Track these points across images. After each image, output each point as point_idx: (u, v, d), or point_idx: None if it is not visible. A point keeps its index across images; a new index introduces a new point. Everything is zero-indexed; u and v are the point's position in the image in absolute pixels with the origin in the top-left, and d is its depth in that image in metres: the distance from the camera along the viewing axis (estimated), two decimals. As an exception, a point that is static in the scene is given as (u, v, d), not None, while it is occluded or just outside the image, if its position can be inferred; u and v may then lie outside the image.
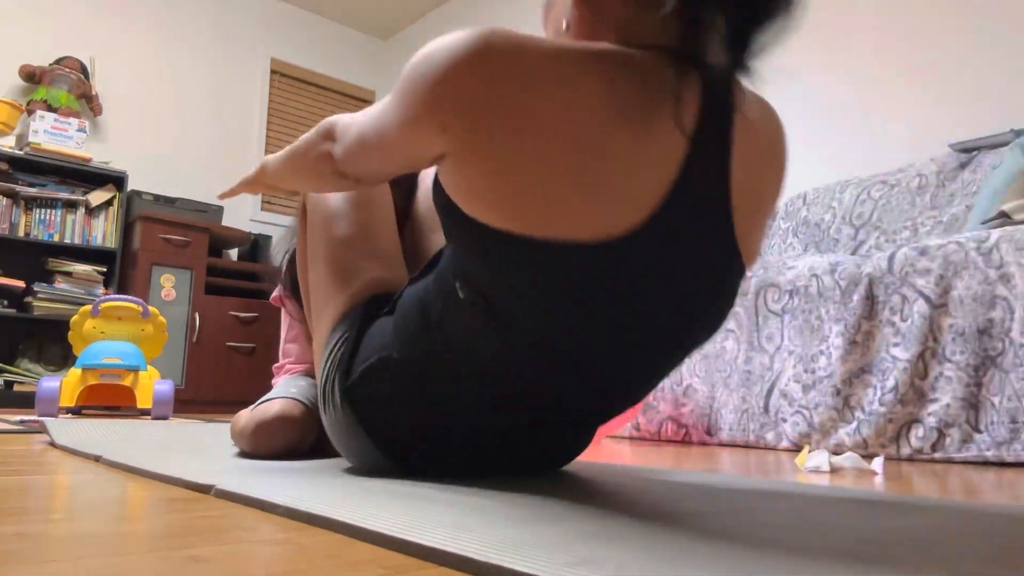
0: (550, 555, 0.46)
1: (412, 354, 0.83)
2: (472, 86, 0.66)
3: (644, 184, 0.69)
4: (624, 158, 0.68)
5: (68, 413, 2.54)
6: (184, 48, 4.21)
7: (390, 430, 0.88)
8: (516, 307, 0.73)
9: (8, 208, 3.36)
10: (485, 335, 0.76)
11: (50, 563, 0.45)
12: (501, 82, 0.66)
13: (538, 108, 0.66)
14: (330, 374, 0.92)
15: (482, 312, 0.75)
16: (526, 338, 0.75)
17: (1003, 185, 2.02)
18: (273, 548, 0.52)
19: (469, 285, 0.75)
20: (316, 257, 1.03)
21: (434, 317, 0.81)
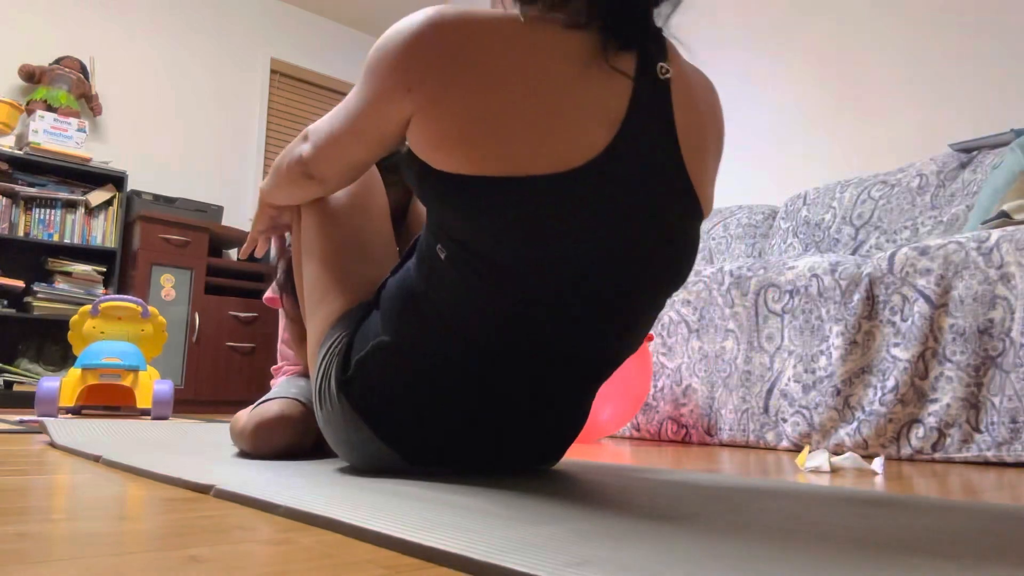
0: (550, 555, 0.46)
1: (403, 333, 0.86)
2: (432, 49, 0.76)
3: (595, 122, 0.77)
4: (573, 99, 0.76)
5: (68, 413, 2.54)
6: (184, 48, 4.21)
7: (389, 416, 0.88)
8: (493, 249, 0.78)
9: (8, 208, 3.36)
10: (470, 289, 0.80)
11: (50, 563, 0.45)
12: (456, 43, 0.76)
13: (490, 60, 0.75)
14: (326, 370, 0.93)
15: (464, 263, 0.79)
16: (508, 283, 0.79)
17: (1003, 185, 2.02)
18: (273, 548, 0.52)
19: (449, 239, 0.80)
20: (312, 259, 1.03)
21: (419, 289, 0.85)
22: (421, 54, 0.77)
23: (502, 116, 0.75)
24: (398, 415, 0.88)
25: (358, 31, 4.95)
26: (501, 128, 0.75)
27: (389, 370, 0.87)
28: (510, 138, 0.75)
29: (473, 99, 0.75)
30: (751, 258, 2.90)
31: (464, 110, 0.75)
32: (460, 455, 0.91)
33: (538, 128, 0.75)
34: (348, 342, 0.92)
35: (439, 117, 0.76)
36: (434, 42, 0.76)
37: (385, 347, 0.87)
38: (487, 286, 0.80)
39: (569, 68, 0.77)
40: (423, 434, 0.89)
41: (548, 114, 0.75)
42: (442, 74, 0.76)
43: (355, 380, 0.89)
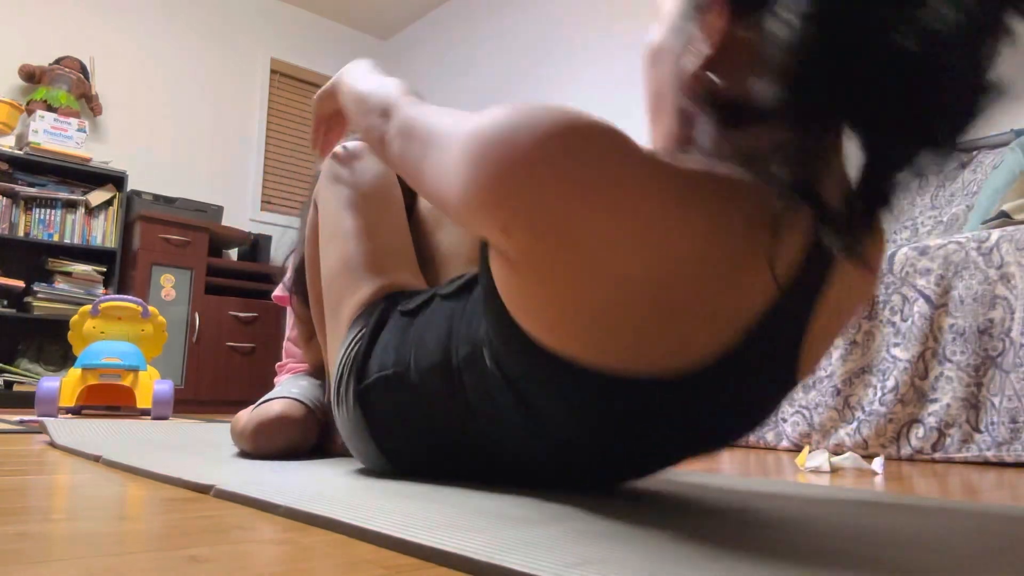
0: (550, 555, 0.46)
1: (429, 384, 0.80)
2: (554, 180, 0.53)
3: (716, 328, 0.58)
4: (702, 302, 0.57)
5: (68, 413, 2.54)
6: (184, 48, 4.21)
7: (398, 443, 0.87)
8: (548, 410, 0.67)
9: (8, 208, 3.36)
10: (507, 413, 0.72)
11: (50, 563, 0.45)
12: (592, 180, 0.53)
13: (628, 221, 0.53)
14: (344, 373, 0.90)
15: (508, 396, 0.70)
16: (553, 433, 0.70)
17: (1003, 185, 2.02)
18: (273, 548, 0.52)
19: (500, 370, 0.69)
20: (329, 253, 1.02)
21: (455, 363, 0.76)
22: (534, 184, 0.54)
23: (612, 304, 0.56)
24: (406, 447, 0.87)
25: (358, 31, 4.95)
26: (609, 316, 0.57)
27: (406, 405, 0.83)
28: (616, 329, 0.57)
29: (587, 269, 0.55)
30: (751, 258, 2.91)
31: (569, 282, 0.56)
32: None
33: (655, 323, 0.57)
34: (368, 342, 0.89)
35: (535, 280, 0.58)
36: (560, 171, 0.53)
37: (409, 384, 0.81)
38: (525, 425, 0.71)
39: (712, 266, 0.55)
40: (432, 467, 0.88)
41: (673, 307, 0.56)
42: (556, 225, 0.54)
43: (372, 395, 0.86)
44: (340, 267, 1.00)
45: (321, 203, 1.07)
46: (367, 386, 0.86)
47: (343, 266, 0.99)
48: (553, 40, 3.78)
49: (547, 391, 0.65)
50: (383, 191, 1.05)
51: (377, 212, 1.03)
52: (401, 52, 4.90)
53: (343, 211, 1.02)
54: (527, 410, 0.70)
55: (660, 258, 0.54)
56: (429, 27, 4.67)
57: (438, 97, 4.49)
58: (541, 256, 0.56)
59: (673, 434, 0.67)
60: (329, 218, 1.03)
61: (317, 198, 1.11)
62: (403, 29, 4.90)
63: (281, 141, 4.54)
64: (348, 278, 0.98)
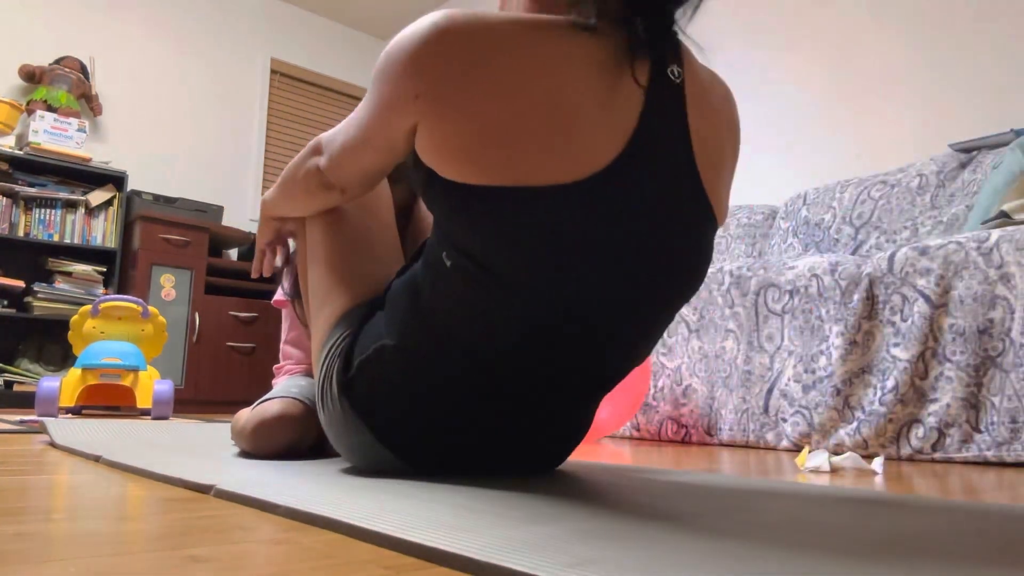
0: (550, 555, 0.46)
1: (407, 338, 0.84)
2: (439, 55, 0.73)
3: (606, 131, 0.74)
4: (584, 107, 0.73)
5: (68, 413, 2.54)
6: (184, 48, 4.21)
7: (390, 421, 0.88)
8: (500, 260, 0.76)
9: (8, 208, 3.36)
10: (475, 300, 0.79)
11: (50, 563, 0.45)
12: (464, 48, 0.73)
13: (499, 67, 0.72)
14: (328, 371, 0.92)
15: (471, 274, 0.78)
16: (514, 296, 0.77)
17: (1003, 185, 2.02)
18: (273, 548, 0.52)
19: (455, 249, 0.78)
20: (316, 259, 1.03)
21: (425, 295, 0.83)
22: (427, 59, 0.74)
23: (509, 125, 0.72)
24: (398, 419, 0.88)
25: (358, 31, 4.95)
26: (508, 138, 0.72)
27: (391, 374, 0.86)
28: (516, 148, 0.72)
29: (480, 107, 0.72)
30: (751, 258, 2.90)
31: (470, 118, 0.73)
32: (460, 461, 0.91)
33: (547, 138, 0.72)
34: (351, 342, 0.92)
35: (445, 124, 0.74)
36: (441, 47, 0.74)
37: (388, 350, 0.86)
38: (493, 298, 0.78)
39: (582, 74, 0.74)
40: (423, 439, 0.88)
41: (557, 124, 0.72)
42: (449, 81, 0.73)
43: (356, 381, 0.89)
44: (325, 273, 1.02)
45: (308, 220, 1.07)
46: (351, 376, 0.89)
47: (328, 273, 1.02)
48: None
49: (485, 232, 0.75)
50: (368, 199, 1.06)
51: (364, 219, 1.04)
52: (401, 52, 4.90)
53: (329, 220, 1.03)
54: (485, 281, 0.77)
55: (527, 76, 0.72)
56: (429, 27, 4.67)
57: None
58: (444, 98, 0.73)
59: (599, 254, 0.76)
60: (316, 229, 1.04)
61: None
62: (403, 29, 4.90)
63: (281, 141, 4.54)
64: (332, 285, 1.01)
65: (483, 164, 0.73)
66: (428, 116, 0.75)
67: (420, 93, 0.75)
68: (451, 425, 0.87)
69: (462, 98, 0.73)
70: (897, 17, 2.74)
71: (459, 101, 0.73)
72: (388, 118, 0.79)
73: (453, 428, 0.87)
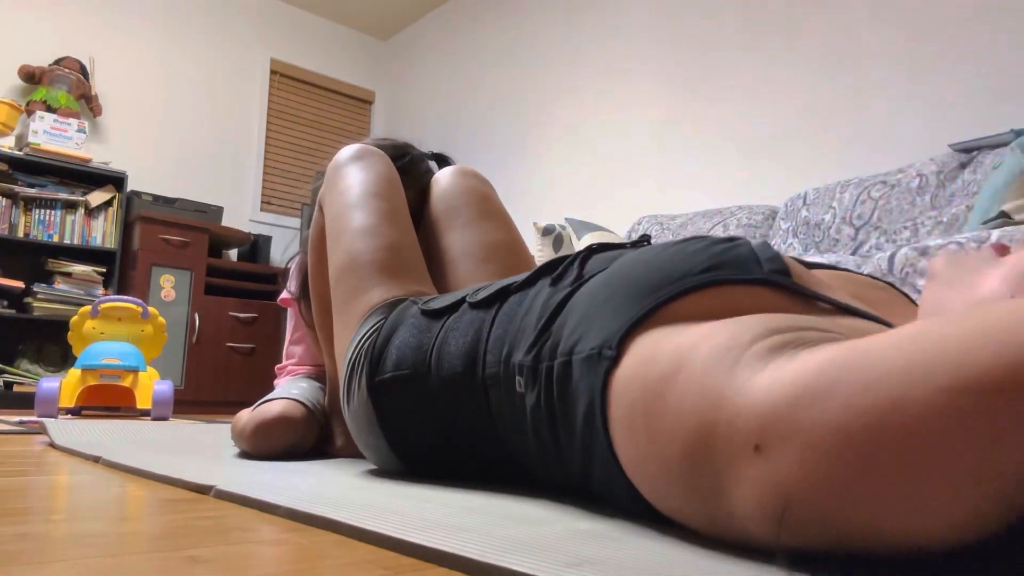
0: (550, 555, 0.46)
1: (450, 391, 0.79)
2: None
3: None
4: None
5: (68, 414, 2.54)
6: (184, 48, 4.21)
7: (410, 442, 0.86)
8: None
9: (8, 208, 3.36)
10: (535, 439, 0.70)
11: (50, 563, 0.45)
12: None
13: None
14: (357, 366, 0.89)
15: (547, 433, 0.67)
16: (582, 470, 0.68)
17: (1003, 185, 2.02)
18: (273, 548, 0.52)
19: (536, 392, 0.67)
20: (337, 252, 1.01)
21: (479, 377, 0.77)
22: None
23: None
24: (417, 446, 0.86)
25: (358, 31, 4.95)
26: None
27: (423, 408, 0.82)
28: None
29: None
30: (751, 258, 2.90)
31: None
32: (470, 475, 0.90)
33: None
34: (386, 335, 0.87)
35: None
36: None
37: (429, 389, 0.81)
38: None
39: None
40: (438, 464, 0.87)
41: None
42: None
43: (386, 391, 0.85)
44: (349, 265, 0.99)
45: (327, 204, 1.07)
46: (382, 381, 0.85)
47: (352, 264, 0.99)
48: (553, 40, 3.78)
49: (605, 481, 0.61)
50: (389, 189, 1.05)
51: (384, 210, 1.03)
52: (401, 52, 4.90)
53: (350, 210, 1.02)
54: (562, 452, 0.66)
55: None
56: (429, 27, 4.67)
57: (438, 97, 4.50)
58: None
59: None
60: (336, 218, 1.03)
61: (322, 200, 1.11)
62: (403, 29, 4.90)
63: (281, 141, 4.54)
64: (357, 276, 0.98)
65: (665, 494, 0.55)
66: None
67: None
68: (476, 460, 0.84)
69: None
70: (897, 17, 2.74)
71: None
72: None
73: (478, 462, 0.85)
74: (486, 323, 0.79)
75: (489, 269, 1.11)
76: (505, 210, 1.23)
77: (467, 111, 4.25)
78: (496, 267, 1.11)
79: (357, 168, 1.09)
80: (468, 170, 1.26)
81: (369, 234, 1.00)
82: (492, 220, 1.18)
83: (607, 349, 0.57)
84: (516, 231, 1.20)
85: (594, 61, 3.55)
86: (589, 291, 0.65)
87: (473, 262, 1.11)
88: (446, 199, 1.20)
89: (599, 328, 0.60)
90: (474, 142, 4.16)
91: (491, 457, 0.82)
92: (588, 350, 0.60)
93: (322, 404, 1.24)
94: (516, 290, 0.80)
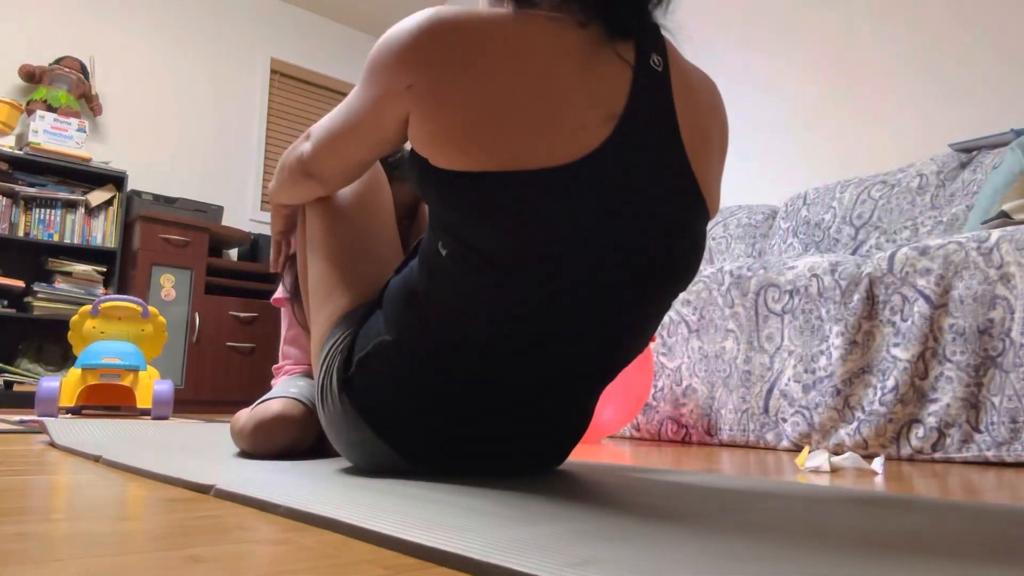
0: (550, 555, 0.46)
1: (405, 332, 0.85)
2: (429, 47, 0.77)
3: (595, 115, 0.76)
4: (571, 93, 0.76)
5: (68, 413, 2.54)
6: (184, 48, 4.21)
7: (391, 417, 0.88)
8: (494, 246, 0.77)
9: (8, 208, 3.36)
10: (471, 287, 0.79)
11: (50, 563, 0.45)
12: (453, 40, 0.76)
13: (487, 57, 0.75)
14: (328, 369, 0.93)
15: (465, 262, 0.78)
16: (509, 282, 0.78)
17: (1003, 185, 2.02)
18: (273, 548, 0.52)
19: (450, 237, 0.79)
20: (317, 257, 1.03)
21: (421, 288, 0.84)
22: (419, 52, 0.77)
23: (499, 111, 0.74)
24: (399, 415, 0.88)
25: (358, 31, 4.95)
26: (498, 123, 0.74)
27: (390, 369, 0.86)
28: (507, 132, 0.74)
29: (470, 94, 0.75)
30: (751, 258, 2.90)
31: (462, 105, 0.75)
32: (461, 456, 0.90)
33: (536, 122, 0.74)
34: (351, 341, 0.92)
35: (438, 113, 0.76)
36: (432, 40, 0.76)
37: (387, 346, 0.86)
38: (488, 284, 0.79)
39: (567, 62, 0.77)
40: (423, 435, 0.88)
41: (546, 108, 0.74)
42: (440, 70, 0.76)
43: (356, 379, 0.89)
44: (326, 272, 1.02)
45: (308, 209, 1.07)
46: (351, 375, 0.89)
47: (328, 272, 1.01)
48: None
49: (478, 219, 0.76)
50: (367, 197, 1.05)
51: (363, 218, 1.04)
52: (401, 52, 4.90)
53: (327, 218, 1.03)
54: (480, 269, 0.78)
55: (514, 65, 0.75)
56: (429, 27, 4.67)
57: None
58: (436, 88, 0.76)
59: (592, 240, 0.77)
60: (315, 227, 1.04)
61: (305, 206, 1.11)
62: (403, 29, 4.90)
63: (281, 141, 4.54)
64: (332, 285, 1.01)
65: (473, 150, 0.74)
66: (420, 105, 0.77)
67: (412, 83, 0.77)
68: (450, 419, 0.87)
69: (452, 87, 0.75)
70: (897, 17, 2.74)
71: (449, 90, 0.75)
72: (381, 108, 0.81)
73: (453, 422, 0.87)
74: (411, 265, 0.89)
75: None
76: None
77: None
78: None
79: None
80: None
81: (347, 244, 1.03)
82: None
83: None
84: None
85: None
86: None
87: None
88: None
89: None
90: (474, 142, 4.16)
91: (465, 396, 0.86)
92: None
93: (322, 404, 1.24)
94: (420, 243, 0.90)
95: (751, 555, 0.49)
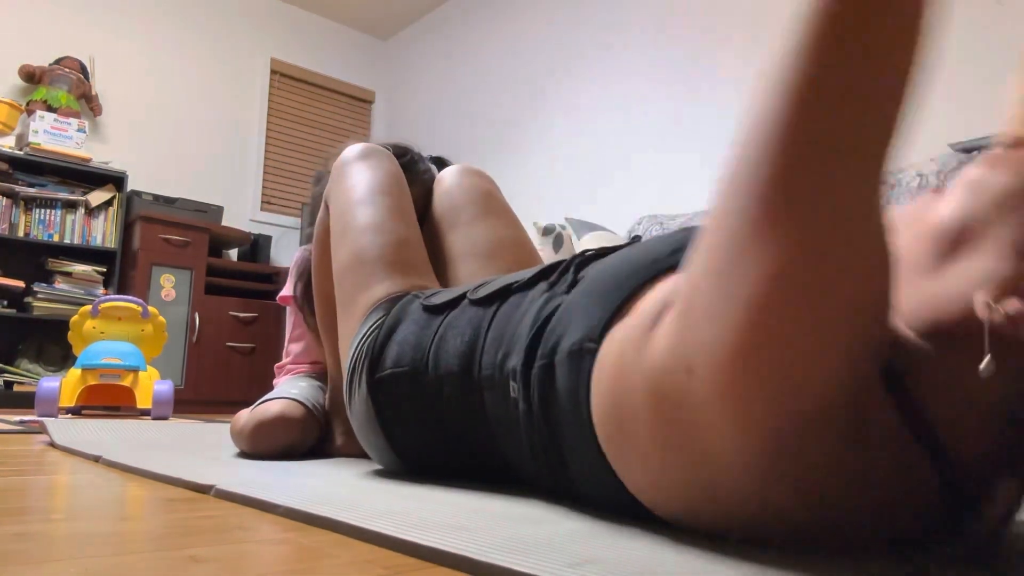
0: (550, 555, 0.46)
1: (445, 388, 0.80)
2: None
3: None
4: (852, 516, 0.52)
5: (68, 413, 2.54)
6: (184, 48, 4.21)
7: (408, 437, 0.86)
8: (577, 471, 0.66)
9: (8, 208, 3.36)
10: (526, 442, 0.70)
11: (50, 563, 0.45)
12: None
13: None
14: (358, 362, 0.89)
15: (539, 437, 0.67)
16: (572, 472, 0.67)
17: (1003, 185, 2.02)
18: (273, 548, 0.52)
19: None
20: (341, 248, 1.01)
21: (475, 377, 0.77)
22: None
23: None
24: (415, 445, 0.86)
25: (358, 31, 4.95)
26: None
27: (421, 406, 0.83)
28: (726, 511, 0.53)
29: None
30: (751, 258, 2.90)
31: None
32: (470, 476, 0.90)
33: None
34: (386, 332, 0.88)
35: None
36: None
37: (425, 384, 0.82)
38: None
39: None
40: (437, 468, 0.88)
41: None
42: None
43: (384, 388, 0.85)
44: (354, 261, 0.99)
45: (332, 201, 1.06)
46: (381, 378, 0.85)
47: (357, 260, 0.98)
48: (554, 40, 3.78)
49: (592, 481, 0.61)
50: (396, 187, 1.05)
51: (390, 207, 1.03)
52: (401, 52, 4.90)
53: (357, 206, 1.02)
54: (552, 456, 0.67)
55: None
56: (429, 27, 4.67)
57: (439, 98, 4.50)
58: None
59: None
60: (341, 214, 1.03)
61: (328, 197, 1.11)
62: (403, 29, 4.90)
63: (281, 141, 4.54)
64: (362, 271, 0.97)
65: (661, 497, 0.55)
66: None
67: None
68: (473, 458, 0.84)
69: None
70: (897, 17, 2.74)
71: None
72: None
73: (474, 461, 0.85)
74: (484, 322, 0.79)
75: (494, 266, 1.10)
76: (509, 207, 1.22)
77: (467, 111, 4.25)
78: (501, 263, 1.11)
79: (364, 166, 1.09)
80: (472, 168, 1.26)
81: (375, 230, 1.00)
82: (497, 217, 1.18)
83: (588, 342, 0.58)
84: (521, 227, 1.20)
85: (594, 61, 3.55)
86: (575, 295, 0.66)
87: (478, 259, 1.11)
88: (450, 197, 1.20)
89: (579, 326, 0.61)
90: (474, 141, 4.16)
91: (487, 457, 0.82)
92: (569, 347, 0.61)
93: (321, 403, 1.24)
94: (517, 290, 0.80)
95: (751, 555, 0.49)
